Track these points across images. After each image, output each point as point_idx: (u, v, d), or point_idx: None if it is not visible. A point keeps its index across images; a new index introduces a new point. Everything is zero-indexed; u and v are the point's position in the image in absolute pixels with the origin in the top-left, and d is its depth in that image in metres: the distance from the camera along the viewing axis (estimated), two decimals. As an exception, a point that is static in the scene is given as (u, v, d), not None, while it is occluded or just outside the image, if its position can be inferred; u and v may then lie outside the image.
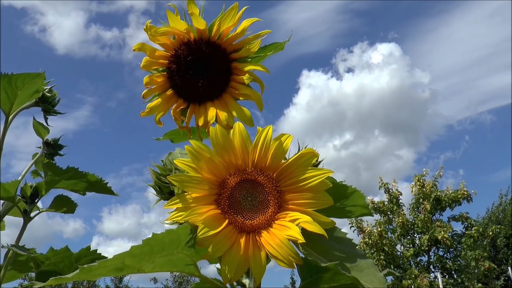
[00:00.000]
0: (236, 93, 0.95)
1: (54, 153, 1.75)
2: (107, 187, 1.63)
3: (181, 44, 0.92)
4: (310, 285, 0.84)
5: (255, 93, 0.95)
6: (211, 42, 0.92)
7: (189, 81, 0.94)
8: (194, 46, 0.92)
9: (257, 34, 0.91)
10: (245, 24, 0.90)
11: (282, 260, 0.73)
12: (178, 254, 0.77)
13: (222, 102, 0.96)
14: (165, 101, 0.97)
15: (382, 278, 0.72)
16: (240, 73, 0.94)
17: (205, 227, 0.74)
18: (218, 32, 0.91)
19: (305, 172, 0.78)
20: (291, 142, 0.78)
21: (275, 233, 0.76)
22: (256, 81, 0.95)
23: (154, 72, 0.95)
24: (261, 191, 0.79)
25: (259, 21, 0.91)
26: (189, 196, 0.77)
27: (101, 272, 0.72)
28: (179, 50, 0.92)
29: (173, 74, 0.94)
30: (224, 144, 0.77)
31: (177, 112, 0.97)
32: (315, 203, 0.78)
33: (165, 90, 0.97)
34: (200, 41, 0.92)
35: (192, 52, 0.92)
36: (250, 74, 0.93)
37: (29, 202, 1.54)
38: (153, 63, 0.93)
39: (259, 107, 0.94)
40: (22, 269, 1.54)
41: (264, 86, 0.95)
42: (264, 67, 0.93)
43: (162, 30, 0.88)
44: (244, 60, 0.95)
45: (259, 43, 0.92)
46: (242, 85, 0.95)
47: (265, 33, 0.91)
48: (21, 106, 1.57)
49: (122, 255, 0.70)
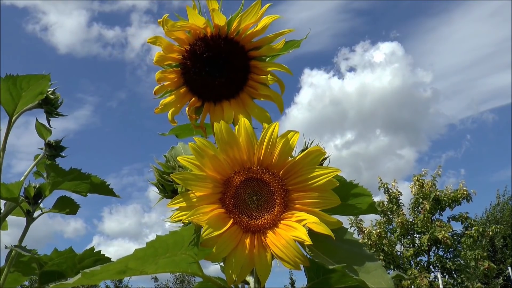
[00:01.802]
0: (255, 93, 0.93)
1: (56, 155, 1.74)
2: (109, 189, 1.62)
3: (197, 39, 0.89)
4: (317, 286, 0.82)
5: (276, 94, 0.92)
6: (229, 39, 0.89)
7: (205, 78, 0.91)
8: (211, 42, 0.88)
9: (279, 32, 0.88)
10: (266, 21, 0.87)
11: (288, 262, 0.71)
12: (182, 255, 0.75)
13: (239, 102, 0.93)
14: (179, 98, 0.94)
15: (390, 280, 0.70)
16: (260, 72, 0.91)
17: (209, 228, 0.72)
18: (237, 29, 0.88)
19: (312, 171, 0.76)
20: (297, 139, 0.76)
21: (281, 234, 0.74)
22: (277, 82, 0.92)
23: (166, 67, 0.92)
24: (266, 190, 0.77)
25: (282, 18, 0.88)
26: (193, 195, 0.75)
27: (103, 276, 0.70)
28: (195, 46, 0.89)
29: (188, 70, 0.91)
30: (229, 140, 0.75)
31: (192, 110, 0.94)
32: (322, 202, 0.76)
33: (178, 86, 0.94)
34: (217, 36, 0.89)
35: (209, 48, 0.89)
36: (272, 74, 0.90)
37: (32, 203, 1.53)
38: (167, 58, 0.90)
39: (279, 109, 0.92)
40: (25, 271, 1.52)
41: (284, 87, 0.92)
42: (286, 68, 0.89)
43: (180, 24, 0.85)
44: (263, 59, 0.92)
45: (283, 42, 0.88)
46: (262, 85, 0.92)
47: (287, 32, 0.88)
48: (25, 107, 1.56)
49: (126, 258, 0.68)
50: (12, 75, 1.42)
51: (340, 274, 0.73)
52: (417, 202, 14.73)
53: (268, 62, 0.92)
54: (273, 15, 0.87)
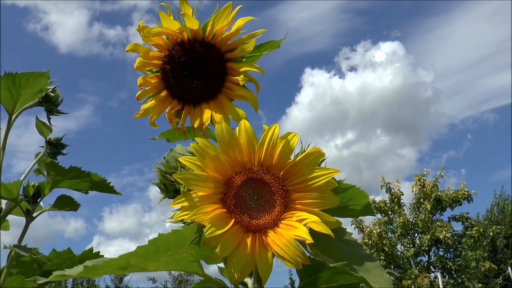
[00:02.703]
0: (231, 94, 0.94)
1: (57, 152, 1.74)
2: (109, 187, 1.62)
3: (175, 44, 0.91)
4: (309, 285, 0.83)
5: (250, 94, 0.93)
6: (205, 42, 0.91)
7: (184, 81, 0.93)
8: (188, 46, 0.91)
9: (251, 33, 0.90)
10: (239, 24, 0.89)
11: (289, 260, 0.73)
12: (183, 254, 0.76)
13: (217, 103, 0.95)
14: (160, 103, 0.95)
15: (388, 279, 0.71)
16: (235, 73, 0.93)
17: (212, 227, 0.73)
18: (212, 32, 0.89)
19: (312, 172, 0.77)
20: (297, 141, 0.77)
21: (282, 233, 0.75)
22: (251, 82, 0.93)
23: (148, 73, 0.94)
24: (267, 190, 0.78)
25: (255, 20, 0.90)
26: (195, 195, 0.76)
27: (105, 271, 0.71)
28: (173, 51, 0.91)
29: (167, 75, 0.93)
30: (230, 141, 0.76)
31: (172, 113, 0.96)
32: (321, 202, 0.77)
33: (159, 91, 0.95)
34: (194, 41, 0.90)
35: (186, 52, 0.91)
36: (245, 75, 0.92)
37: (32, 202, 1.54)
38: (147, 64, 0.92)
39: (254, 108, 0.93)
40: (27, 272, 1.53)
41: (260, 87, 0.93)
42: (259, 68, 0.91)
43: (155, 30, 0.87)
44: (239, 60, 0.94)
45: (254, 43, 0.90)
46: (237, 86, 0.93)
47: (260, 33, 0.90)
48: (24, 106, 1.56)
49: (127, 255, 0.69)
50: (11, 73, 1.42)
51: (332, 272, 0.75)
52: (418, 202, 14.77)
53: (241, 63, 0.93)
54: (247, 17, 0.89)
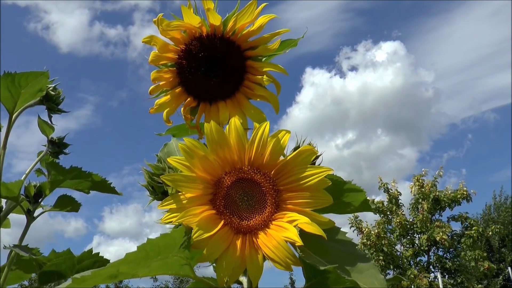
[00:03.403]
0: (251, 93, 0.91)
1: (59, 152, 1.73)
2: (110, 187, 1.61)
3: (193, 39, 0.87)
4: (315, 286, 0.81)
5: (272, 95, 0.91)
6: (225, 38, 0.87)
7: (200, 78, 0.89)
8: (207, 41, 0.87)
9: (275, 32, 0.86)
10: (262, 21, 0.85)
11: (279, 263, 0.71)
12: (173, 257, 0.74)
13: (235, 102, 0.92)
14: (174, 98, 0.93)
15: (383, 279, 0.69)
16: (256, 72, 0.90)
17: (199, 230, 0.71)
18: (233, 28, 0.86)
19: (303, 171, 0.75)
20: (289, 139, 0.75)
21: (272, 234, 0.73)
22: (273, 83, 0.90)
23: (162, 67, 0.91)
24: (258, 190, 0.76)
25: (278, 18, 0.87)
26: (183, 196, 0.74)
27: (95, 281, 0.69)
28: (191, 45, 0.87)
29: (183, 70, 0.90)
30: (219, 140, 0.74)
31: (187, 110, 0.93)
32: (314, 202, 0.75)
33: (173, 86, 0.92)
34: (213, 36, 0.87)
35: (204, 47, 0.87)
36: (268, 75, 0.89)
37: (33, 202, 1.53)
38: (162, 57, 0.88)
39: (275, 109, 0.90)
40: (27, 269, 1.53)
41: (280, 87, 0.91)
42: (282, 69, 0.88)
43: (175, 24, 0.84)
44: (259, 59, 0.90)
45: (279, 42, 0.87)
46: (258, 85, 0.90)
47: (283, 32, 0.86)
48: (25, 105, 1.56)
49: (117, 263, 0.68)
50: (10, 73, 1.41)
51: (338, 274, 0.72)
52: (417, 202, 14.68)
53: (264, 62, 0.90)
54: (269, 14, 0.86)
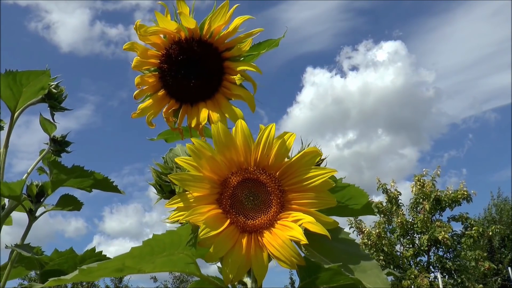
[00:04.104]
0: (229, 93, 0.94)
1: (61, 150, 1.74)
2: (112, 185, 1.62)
3: (172, 43, 0.90)
4: (309, 285, 0.82)
5: (247, 93, 0.93)
6: (202, 41, 0.90)
7: (181, 81, 0.92)
8: (186, 45, 0.90)
9: (248, 32, 0.89)
10: (237, 22, 0.88)
11: (284, 261, 0.72)
12: (179, 254, 0.76)
13: (215, 103, 0.94)
14: (157, 102, 0.95)
15: (386, 279, 0.71)
16: (233, 72, 0.92)
17: (206, 227, 0.73)
18: (209, 31, 0.89)
19: (308, 171, 0.76)
20: (294, 140, 0.76)
21: (278, 234, 0.74)
22: (248, 81, 0.93)
23: (145, 72, 0.93)
24: (263, 190, 0.78)
25: (252, 19, 0.89)
26: (190, 195, 0.76)
27: (101, 274, 0.71)
28: (170, 50, 0.90)
29: (164, 74, 0.92)
30: (226, 142, 0.75)
31: (169, 113, 0.95)
32: (318, 203, 0.76)
33: (157, 90, 0.95)
34: (191, 40, 0.90)
35: (183, 51, 0.90)
36: (242, 74, 0.91)
37: (35, 201, 1.54)
38: (145, 63, 0.91)
39: (251, 108, 0.92)
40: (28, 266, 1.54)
41: (257, 86, 0.93)
42: (255, 67, 0.90)
43: (151, 29, 0.87)
44: (237, 59, 0.93)
45: (250, 42, 0.89)
46: (234, 85, 0.93)
47: (257, 31, 0.89)
48: (28, 103, 1.57)
49: (122, 256, 0.69)
50: (11, 71, 1.42)
51: (332, 272, 0.74)
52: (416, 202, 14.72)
53: (238, 62, 0.92)
54: (244, 16, 0.88)
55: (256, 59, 0.95)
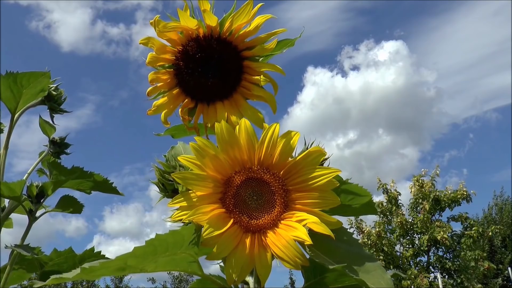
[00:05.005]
0: (248, 93, 0.92)
1: (60, 152, 1.74)
2: (112, 187, 1.62)
3: (190, 40, 0.88)
4: (314, 286, 0.82)
5: (269, 95, 0.91)
6: (222, 39, 0.88)
7: (198, 79, 0.90)
8: (204, 42, 0.88)
9: (272, 32, 0.87)
10: (259, 21, 0.86)
11: (288, 262, 0.71)
12: (182, 254, 0.75)
13: (232, 103, 0.93)
14: (172, 100, 0.93)
15: (389, 280, 0.70)
16: (253, 72, 0.91)
17: (210, 227, 0.72)
18: (229, 29, 0.87)
19: (312, 171, 0.76)
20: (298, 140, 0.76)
21: (281, 234, 0.74)
22: (270, 82, 0.91)
23: (159, 68, 0.91)
24: (267, 190, 0.77)
25: (274, 18, 0.88)
26: (193, 194, 0.75)
27: (103, 273, 0.70)
28: (188, 46, 0.88)
29: (180, 71, 0.90)
30: (230, 140, 0.75)
31: (185, 111, 0.94)
32: (322, 202, 0.76)
33: (171, 88, 0.93)
34: (210, 37, 0.88)
35: (201, 48, 0.88)
36: (265, 75, 0.90)
37: (35, 202, 1.53)
38: (160, 59, 0.89)
39: (272, 109, 0.91)
40: (29, 268, 1.53)
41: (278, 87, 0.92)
42: (279, 69, 0.89)
43: (171, 25, 0.84)
44: (256, 59, 0.91)
45: (276, 42, 0.87)
46: (255, 85, 0.91)
47: (280, 31, 0.87)
48: (27, 105, 1.56)
49: (125, 256, 0.68)
50: (12, 72, 1.42)
51: (337, 273, 0.73)
52: (416, 202, 14.72)
53: (261, 63, 0.91)
54: (266, 14, 0.87)
55: (270, 59, 0.94)
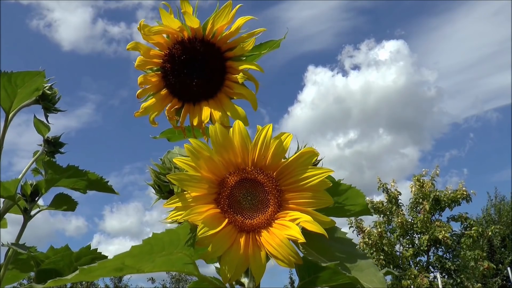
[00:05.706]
0: (231, 92, 0.95)
1: (54, 151, 1.74)
2: (107, 186, 1.62)
3: (175, 43, 0.92)
4: (308, 284, 0.83)
5: (250, 93, 0.94)
6: (205, 41, 0.92)
7: (184, 80, 0.93)
8: (188, 44, 0.91)
9: (251, 32, 0.90)
10: (239, 22, 0.90)
11: (282, 260, 0.73)
12: (178, 254, 0.76)
13: (217, 102, 0.95)
14: (160, 101, 0.96)
15: (382, 278, 0.72)
16: (235, 72, 0.94)
17: (204, 227, 0.73)
18: (212, 31, 0.90)
19: (305, 171, 0.77)
20: (291, 141, 0.77)
21: (275, 233, 0.75)
22: (250, 80, 0.94)
23: (148, 71, 0.95)
24: (261, 190, 0.78)
25: (255, 19, 0.90)
26: (189, 195, 0.76)
27: (100, 273, 0.71)
28: (173, 49, 0.92)
29: (167, 73, 0.94)
30: (224, 142, 0.76)
31: (172, 111, 0.96)
32: (315, 202, 0.77)
33: (159, 89, 0.96)
34: (194, 39, 0.91)
35: (186, 51, 0.91)
36: (245, 73, 0.93)
37: (29, 200, 1.54)
38: (148, 62, 0.93)
39: (253, 107, 0.94)
40: (23, 268, 1.54)
41: (260, 85, 0.94)
42: (258, 66, 0.92)
43: (155, 29, 0.88)
44: (239, 58, 0.94)
45: (253, 42, 0.91)
46: (237, 84, 0.94)
47: (259, 31, 0.90)
48: (22, 104, 1.56)
49: (122, 255, 0.69)
50: (6, 72, 1.42)
51: (331, 272, 0.75)
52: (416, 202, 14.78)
53: (241, 61, 0.94)
54: (246, 16, 0.90)
55: (258, 59, 0.97)
